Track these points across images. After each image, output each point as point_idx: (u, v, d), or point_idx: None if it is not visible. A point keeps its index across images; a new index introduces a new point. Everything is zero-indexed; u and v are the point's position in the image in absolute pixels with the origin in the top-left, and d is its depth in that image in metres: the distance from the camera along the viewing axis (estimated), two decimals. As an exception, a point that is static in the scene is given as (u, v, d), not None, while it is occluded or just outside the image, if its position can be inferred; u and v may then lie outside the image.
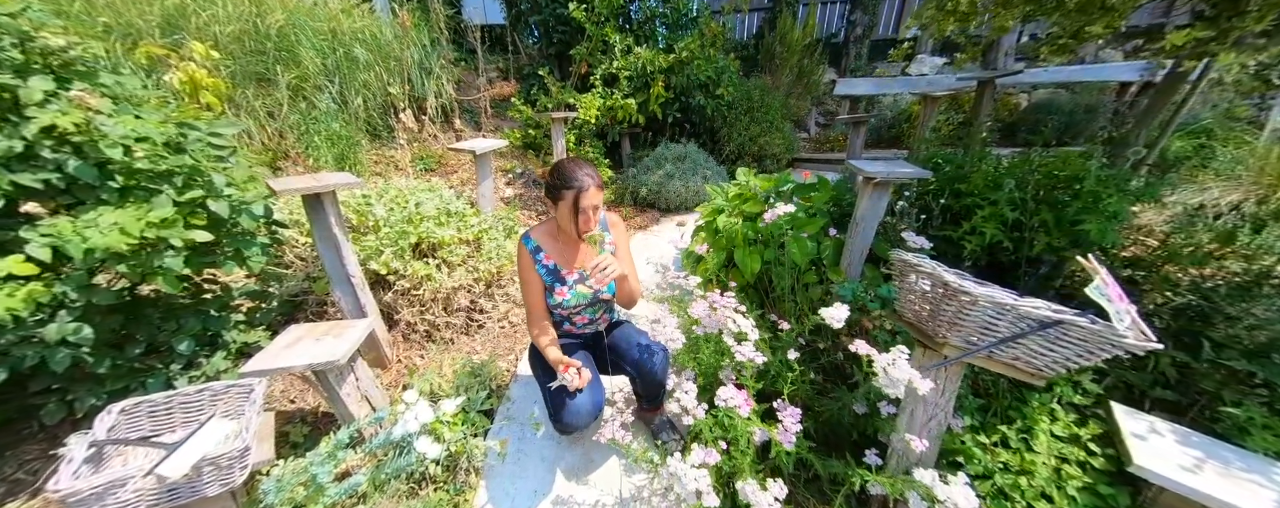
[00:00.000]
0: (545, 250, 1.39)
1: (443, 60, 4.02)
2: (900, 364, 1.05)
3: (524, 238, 1.39)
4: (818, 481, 1.43)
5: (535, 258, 1.38)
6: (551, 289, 1.39)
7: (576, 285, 1.41)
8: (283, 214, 2.15)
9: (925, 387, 1.02)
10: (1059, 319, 0.89)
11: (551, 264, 1.40)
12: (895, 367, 1.05)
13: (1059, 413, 1.11)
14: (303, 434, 1.53)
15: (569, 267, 1.42)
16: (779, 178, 2.65)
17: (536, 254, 1.39)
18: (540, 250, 1.39)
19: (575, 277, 1.41)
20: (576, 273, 1.42)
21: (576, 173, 1.23)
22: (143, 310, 1.25)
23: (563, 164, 1.27)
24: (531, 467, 1.53)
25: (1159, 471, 0.88)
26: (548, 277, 1.39)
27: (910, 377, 1.02)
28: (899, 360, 1.06)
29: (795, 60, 5.34)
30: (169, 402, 1.09)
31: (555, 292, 1.39)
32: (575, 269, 1.42)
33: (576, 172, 1.23)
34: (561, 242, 1.41)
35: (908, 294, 1.21)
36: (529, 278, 1.39)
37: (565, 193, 1.23)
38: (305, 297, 2.04)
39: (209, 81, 1.88)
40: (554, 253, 1.40)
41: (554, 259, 1.40)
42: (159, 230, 1.02)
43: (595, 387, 1.37)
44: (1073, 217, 1.52)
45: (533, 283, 1.39)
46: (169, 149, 1.13)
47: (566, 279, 1.40)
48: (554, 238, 1.41)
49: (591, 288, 1.42)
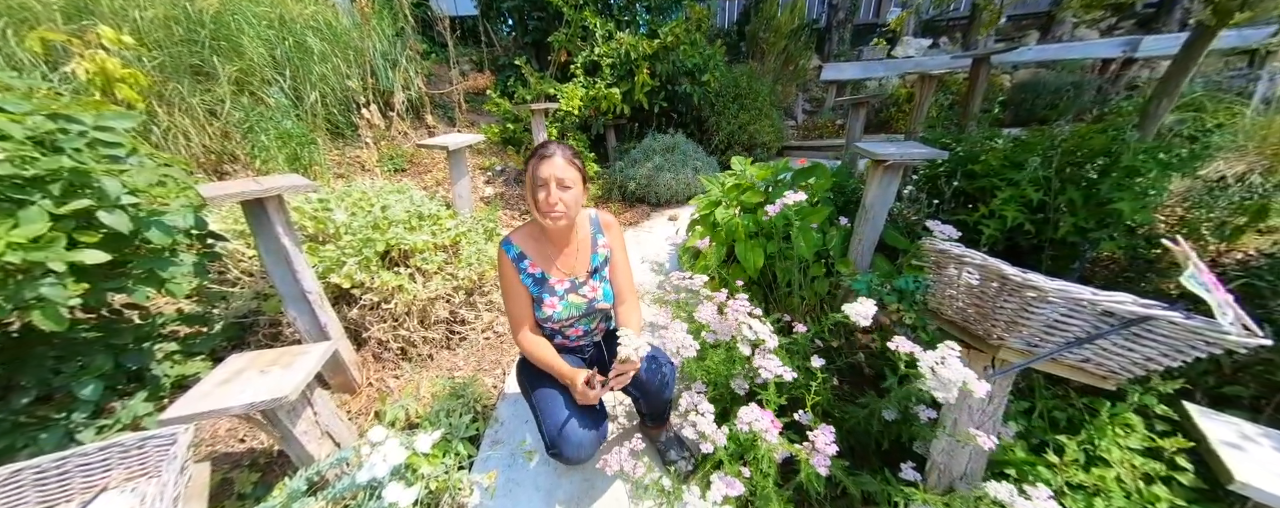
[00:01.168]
0: (530, 257, 1.20)
1: (410, 51, 3.73)
2: (951, 363, 0.91)
3: (504, 244, 1.19)
4: (846, 498, 1.29)
5: (518, 266, 1.19)
6: (539, 301, 1.20)
7: (568, 296, 1.22)
8: (225, 224, 1.90)
9: (983, 390, 0.87)
10: (1148, 315, 0.75)
11: (537, 273, 1.20)
12: (945, 366, 0.90)
13: (1135, 422, 0.98)
14: (251, 482, 1.31)
15: (558, 274, 1.22)
16: (776, 166, 2.51)
17: (520, 262, 1.19)
18: (524, 257, 1.19)
19: (566, 285, 1.22)
20: (567, 281, 1.22)
21: (549, 145, 1.09)
22: (30, 350, 1.01)
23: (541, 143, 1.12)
24: (525, 499, 1.35)
25: (1269, 489, 0.75)
26: (534, 287, 1.20)
27: (965, 377, 0.88)
28: (950, 359, 0.91)
29: (782, 46, 5.19)
30: (62, 465, 0.86)
31: (543, 303, 1.20)
32: (566, 277, 1.23)
33: (549, 145, 1.09)
34: (547, 244, 1.22)
35: (946, 289, 1.06)
36: (512, 288, 1.20)
37: (528, 163, 1.09)
38: (255, 318, 1.80)
39: (124, 73, 1.60)
40: (539, 259, 1.21)
41: (540, 267, 1.20)
42: (28, 252, 0.79)
43: (598, 413, 1.19)
44: (1104, 195, 1.40)
45: (518, 294, 1.20)
46: (40, 148, 0.89)
47: (556, 289, 1.21)
48: (538, 241, 1.21)
49: (585, 298, 1.24)
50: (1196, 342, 0.75)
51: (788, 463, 1.30)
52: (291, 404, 1.15)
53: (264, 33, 2.55)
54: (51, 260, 0.81)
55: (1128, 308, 0.75)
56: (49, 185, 0.85)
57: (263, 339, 1.80)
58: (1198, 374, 1.19)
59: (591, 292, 1.25)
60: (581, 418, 1.15)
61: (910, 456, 1.20)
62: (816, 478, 1.06)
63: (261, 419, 1.16)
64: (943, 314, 1.09)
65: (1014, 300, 0.87)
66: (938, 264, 1.07)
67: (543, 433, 1.17)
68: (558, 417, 1.14)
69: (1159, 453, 0.96)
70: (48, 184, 0.85)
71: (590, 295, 1.25)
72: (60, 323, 0.84)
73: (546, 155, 1.07)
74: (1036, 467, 1.01)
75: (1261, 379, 1.09)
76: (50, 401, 1.06)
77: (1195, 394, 1.19)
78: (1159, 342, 0.78)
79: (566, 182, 1.06)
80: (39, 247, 0.81)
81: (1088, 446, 1.00)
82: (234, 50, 2.48)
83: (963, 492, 0.99)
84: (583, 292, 1.24)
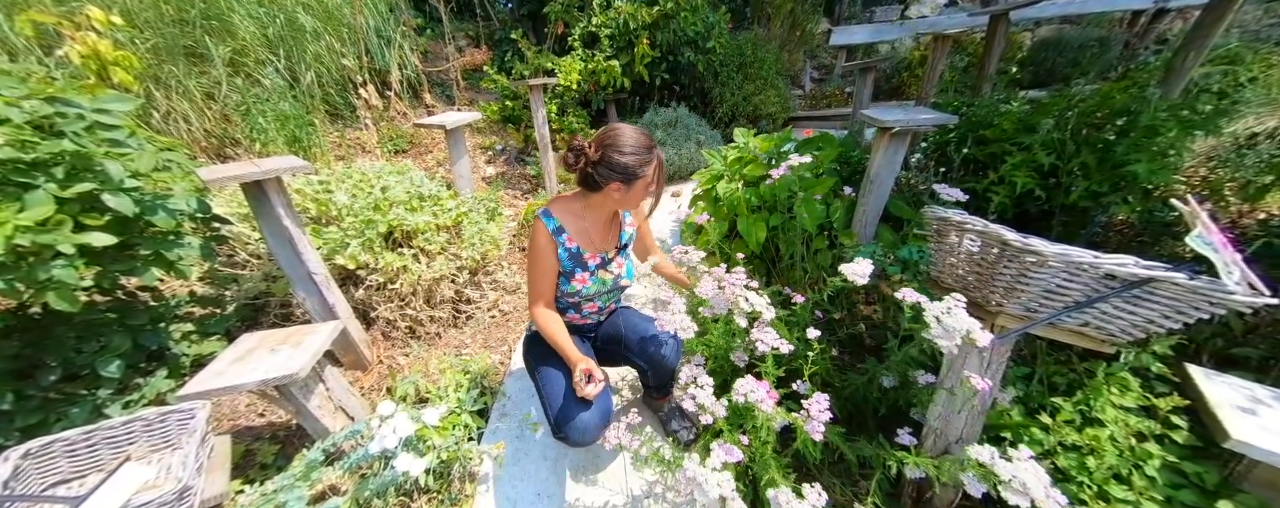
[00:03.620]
0: (568, 231, 1.17)
1: (404, 27, 3.64)
2: (957, 312, 0.90)
3: (544, 215, 1.16)
4: (842, 463, 1.32)
5: (557, 239, 1.16)
6: (570, 275, 1.20)
7: (598, 271, 1.23)
8: (229, 207, 1.92)
9: (986, 339, 0.87)
10: (1151, 277, 0.73)
11: (575, 248, 1.19)
12: (951, 315, 0.89)
13: (1130, 382, 0.98)
14: (272, 453, 1.38)
15: (593, 250, 1.22)
16: (780, 137, 2.44)
17: (559, 235, 1.16)
18: (563, 231, 1.17)
19: (597, 261, 1.22)
20: (598, 257, 1.22)
21: (645, 140, 1.04)
22: (52, 331, 1.06)
23: (623, 133, 1.04)
24: (533, 468, 1.41)
25: (1265, 445, 0.75)
26: (570, 262, 1.19)
27: (969, 326, 0.87)
28: (955, 308, 0.90)
29: (788, 9, 4.95)
30: (89, 438, 0.92)
31: (574, 278, 1.20)
32: (598, 253, 1.23)
33: (645, 139, 1.05)
34: (588, 220, 1.20)
35: (947, 257, 1.04)
36: (543, 260, 1.17)
37: (647, 167, 1.05)
38: (266, 299, 1.85)
39: (116, 55, 1.59)
40: (578, 234, 1.19)
41: (578, 242, 1.19)
42: (38, 235, 0.81)
43: (604, 395, 1.19)
44: (1120, 157, 1.34)
45: (548, 267, 1.18)
46: (39, 132, 0.90)
47: (589, 264, 1.21)
48: (579, 217, 1.19)
49: (612, 274, 1.24)
50: (1200, 303, 0.73)
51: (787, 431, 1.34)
52: (303, 380, 1.19)
53: (254, 11, 2.49)
54: (60, 243, 0.84)
55: (1130, 270, 0.73)
56: (52, 169, 0.86)
57: (275, 319, 1.86)
58: (1205, 338, 1.17)
59: (618, 268, 1.27)
60: (586, 403, 1.14)
61: (908, 422, 1.22)
62: (812, 445, 1.08)
63: (276, 395, 1.21)
64: (943, 282, 1.07)
65: (1013, 266, 0.85)
66: (939, 232, 1.05)
67: (547, 416, 1.18)
68: (563, 401, 1.15)
69: (1154, 412, 0.96)
70: (50, 168, 0.86)
71: (616, 272, 1.27)
72: (74, 304, 0.88)
73: (660, 154, 1.06)
74: (1030, 429, 1.02)
75: (1271, 340, 1.07)
76: (77, 379, 1.12)
77: (1201, 356, 1.17)
78: (1161, 304, 0.76)
79: None
80: (47, 230, 0.83)
81: (1083, 407, 1.00)
82: (226, 30, 2.44)
83: (956, 454, 1.00)
84: (611, 268, 1.26)
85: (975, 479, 0.89)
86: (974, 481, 0.89)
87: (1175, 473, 0.88)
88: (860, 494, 1.25)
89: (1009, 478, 0.82)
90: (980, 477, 0.88)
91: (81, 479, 0.92)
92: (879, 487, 1.10)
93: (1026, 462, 0.81)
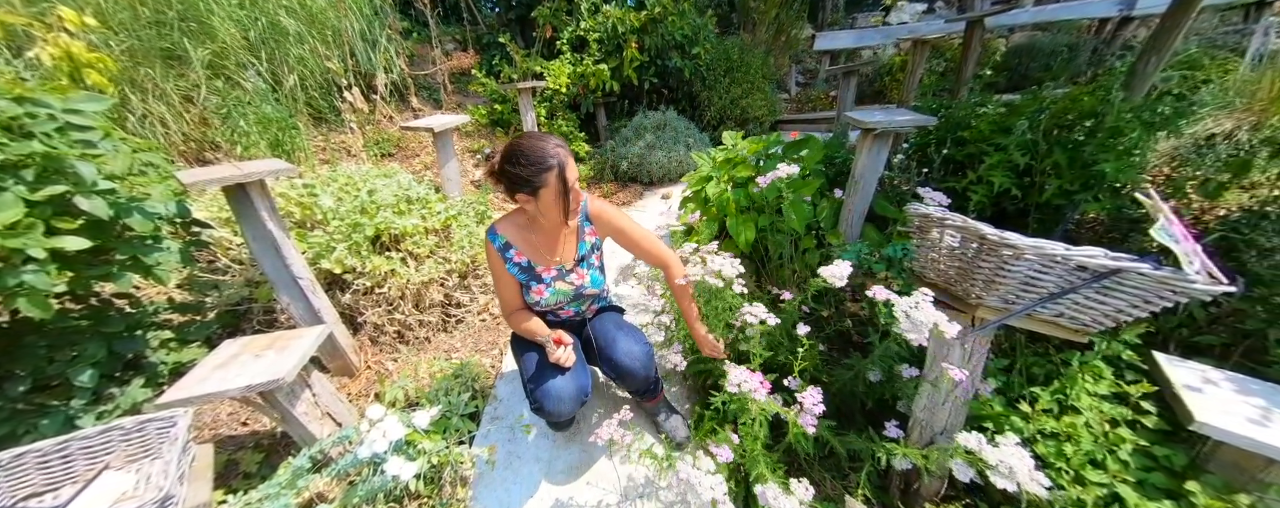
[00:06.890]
0: (515, 246, 1.19)
1: (390, 31, 3.61)
2: (924, 307, 0.93)
3: (490, 233, 1.19)
4: (832, 456, 1.34)
5: (504, 256, 1.19)
6: (527, 288, 1.22)
7: (555, 283, 1.23)
8: (210, 212, 1.88)
9: (953, 331, 0.90)
10: (1119, 268, 0.76)
11: (525, 262, 1.20)
12: (918, 309, 0.93)
13: (1103, 370, 1.02)
14: (256, 462, 1.35)
15: (545, 262, 1.22)
16: (768, 140, 2.48)
17: (506, 252, 1.19)
18: (509, 247, 1.19)
19: (552, 273, 1.23)
20: (553, 269, 1.23)
21: (545, 147, 1.00)
22: (22, 339, 1.02)
23: (520, 145, 1.01)
24: (525, 470, 1.40)
25: (1225, 427, 0.79)
26: (521, 275, 1.21)
27: (935, 319, 0.90)
28: (923, 303, 0.94)
29: (774, 15, 5.04)
30: (63, 448, 0.88)
31: (531, 290, 1.21)
32: (552, 265, 1.23)
33: (545, 146, 1.00)
34: (534, 233, 1.21)
35: (929, 253, 1.08)
36: (501, 276, 1.21)
37: (544, 176, 1.00)
38: (249, 305, 1.81)
39: (91, 57, 1.55)
40: (525, 248, 1.20)
41: (526, 256, 1.20)
42: (7, 239, 0.79)
43: (579, 371, 1.21)
44: (1089, 156, 1.40)
45: (506, 281, 1.22)
46: (8, 133, 0.87)
47: (543, 277, 1.22)
48: (524, 230, 1.20)
49: (573, 284, 1.25)
50: (1164, 292, 0.77)
51: (776, 427, 1.35)
52: (289, 386, 1.17)
53: (235, 13, 2.45)
54: (31, 247, 0.81)
55: (1099, 262, 0.77)
56: (21, 171, 0.84)
57: (257, 326, 1.82)
58: (1171, 327, 1.23)
59: (579, 278, 1.26)
60: (560, 373, 1.17)
61: (894, 415, 1.24)
62: (804, 438, 1.10)
63: (261, 401, 1.18)
64: (926, 277, 1.11)
65: (991, 259, 0.88)
66: (921, 229, 1.09)
67: (526, 390, 1.21)
68: (536, 370, 1.18)
69: (1126, 399, 1.00)
70: (20, 170, 0.84)
71: (578, 282, 1.26)
72: (46, 310, 0.85)
73: (564, 162, 1.01)
74: (1011, 418, 1.05)
75: (1232, 329, 1.13)
76: (48, 389, 1.08)
77: (1168, 345, 1.22)
78: (1129, 293, 0.80)
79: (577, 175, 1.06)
80: (16, 233, 0.81)
81: (1060, 396, 1.04)
82: (205, 32, 2.39)
83: (941, 444, 1.03)
84: (570, 279, 1.25)
85: (963, 466, 0.92)
86: (962, 467, 0.92)
87: (1147, 456, 0.92)
88: (850, 487, 1.27)
89: (996, 463, 0.85)
90: (968, 463, 0.91)
91: (55, 492, 0.88)
92: (868, 479, 1.12)
93: (1012, 447, 0.84)
